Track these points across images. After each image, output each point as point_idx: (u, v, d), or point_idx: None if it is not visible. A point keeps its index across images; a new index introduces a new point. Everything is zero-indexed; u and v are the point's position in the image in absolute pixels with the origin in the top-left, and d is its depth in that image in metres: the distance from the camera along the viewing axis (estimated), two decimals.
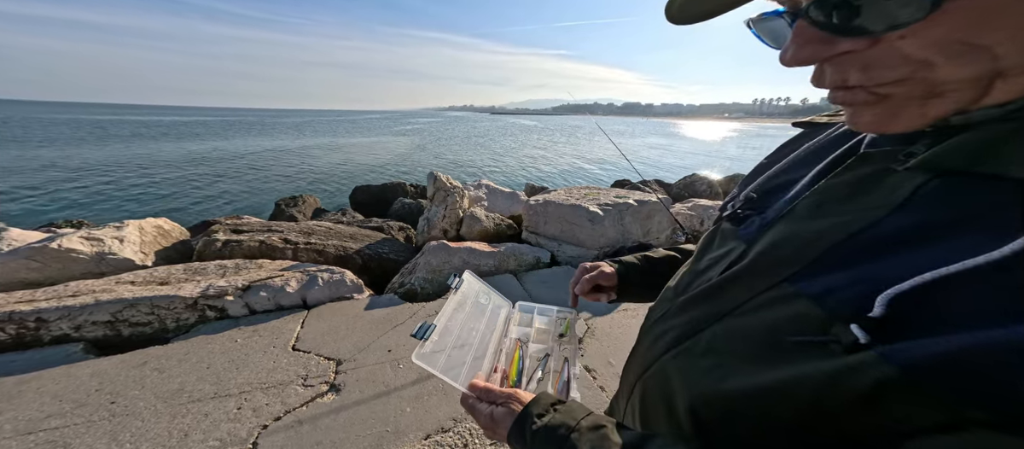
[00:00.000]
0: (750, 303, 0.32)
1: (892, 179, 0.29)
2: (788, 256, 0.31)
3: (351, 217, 4.96)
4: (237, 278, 2.58)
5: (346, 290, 2.59)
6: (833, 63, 0.25)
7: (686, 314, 0.39)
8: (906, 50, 0.22)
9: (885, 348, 0.23)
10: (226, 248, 3.20)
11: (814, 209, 0.33)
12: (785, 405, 0.27)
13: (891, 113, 0.25)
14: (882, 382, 0.22)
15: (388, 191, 7.18)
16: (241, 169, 16.68)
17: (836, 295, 0.27)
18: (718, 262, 0.40)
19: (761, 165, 0.49)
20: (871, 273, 0.26)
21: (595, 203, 3.03)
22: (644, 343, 0.45)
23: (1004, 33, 0.20)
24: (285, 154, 23.00)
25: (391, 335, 2.12)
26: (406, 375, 1.82)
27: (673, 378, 0.37)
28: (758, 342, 0.30)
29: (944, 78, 0.23)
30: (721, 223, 0.45)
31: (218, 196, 11.57)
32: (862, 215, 0.29)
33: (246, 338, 2.03)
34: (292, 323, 2.22)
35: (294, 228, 3.48)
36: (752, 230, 0.38)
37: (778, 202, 0.39)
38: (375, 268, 2.99)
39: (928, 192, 0.26)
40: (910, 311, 0.23)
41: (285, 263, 2.99)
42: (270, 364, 1.82)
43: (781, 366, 0.28)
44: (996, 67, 0.21)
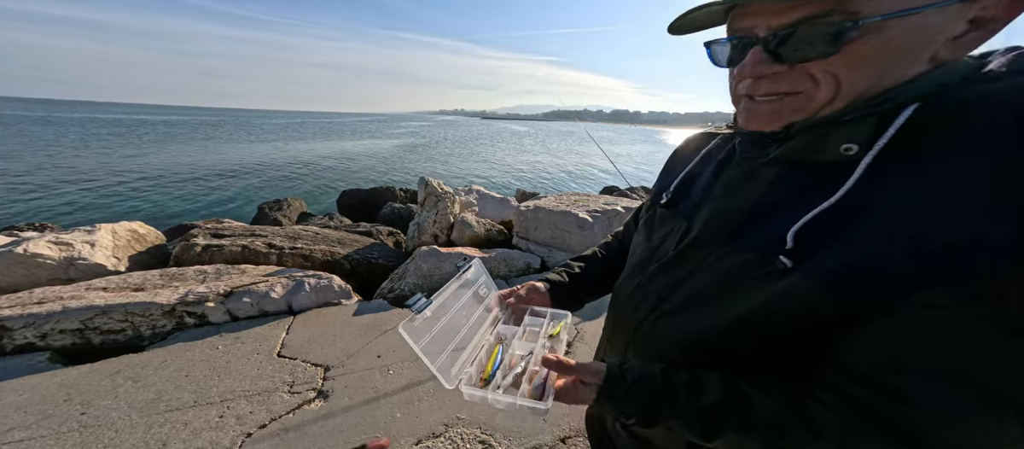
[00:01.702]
0: (704, 263, 0.45)
1: (761, 171, 0.44)
2: (719, 227, 0.45)
3: (339, 222, 4.89)
4: (218, 284, 2.51)
5: (334, 296, 2.56)
6: (765, 77, 0.38)
7: (657, 282, 0.51)
8: (812, 72, 0.35)
9: (799, 266, 0.36)
10: (206, 253, 3.11)
11: (724, 195, 0.48)
12: (752, 324, 0.40)
13: (774, 114, 0.39)
14: (804, 289, 0.35)
15: (377, 195, 7.11)
16: (223, 171, 16.07)
17: (759, 244, 0.40)
18: (668, 237, 0.53)
19: (671, 165, 0.65)
20: (772, 227, 0.39)
21: (584, 209, 3.10)
22: (625, 310, 0.56)
23: (852, 73, 0.34)
24: (270, 156, 22.35)
25: (380, 341, 2.10)
26: (396, 381, 1.81)
27: (664, 333, 0.48)
28: (721, 289, 0.43)
29: (816, 96, 0.36)
30: (656, 209, 0.58)
31: (197, 199, 11.11)
32: (752, 195, 0.44)
33: (228, 345, 1.98)
34: (277, 329, 2.18)
35: (279, 233, 3.41)
36: (688, 210, 0.52)
37: (695, 191, 0.53)
38: (364, 273, 2.96)
39: (781, 175, 0.42)
40: (804, 242, 0.36)
41: (269, 268, 2.93)
42: (254, 371, 1.78)
43: (743, 299, 0.40)
44: (837, 93, 0.36)
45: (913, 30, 0.32)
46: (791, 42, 0.35)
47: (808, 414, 0.36)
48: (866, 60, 0.34)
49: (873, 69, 0.34)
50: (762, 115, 0.40)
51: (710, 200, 0.49)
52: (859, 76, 0.34)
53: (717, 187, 0.49)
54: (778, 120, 0.39)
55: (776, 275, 0.37)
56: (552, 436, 1.49)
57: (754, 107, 0.41)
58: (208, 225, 3.53)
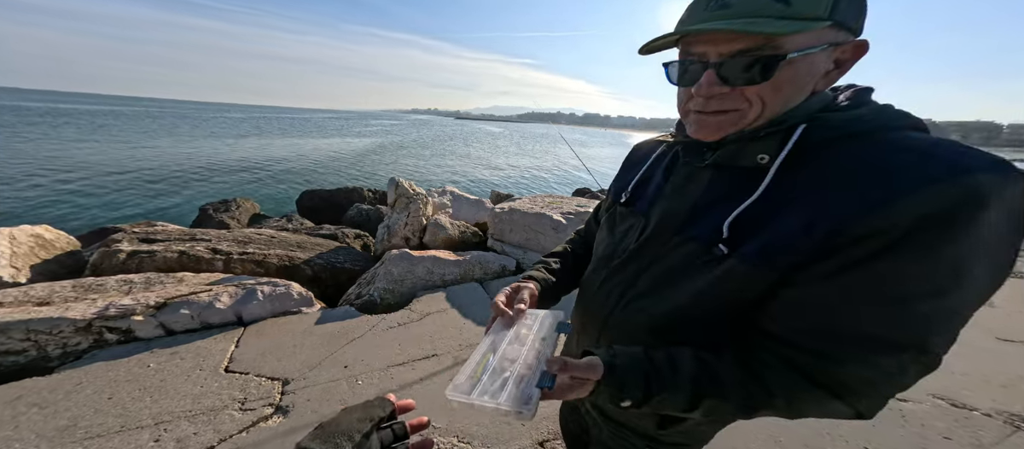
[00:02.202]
0: (661, 253, 0.53)
1: (699, 174, 0.53)
2: (670, 221, 0.54)
3: (298, 224, 4.54)
4: (148, 294, 2.22)
5: (292, 304, 2.37)
6: (714, 96, 0.46)
7: (623, 273, 0.58)
8: (747, 94, 0.44)
9: (734, 252, 0.45)
10: (132, 260, 2.75)
11: (672, 194, 0.56)
12: (703, 302, 0.49)
13: (718, 127, 0.48)
14: (739, 271, 0.45)
15: (342, 196, 6.67)
16: (160, 169, 14.03)
17: (701, 235, 0.49)
18: (629, 232, 0.60)
19: (627, 168, 0.71)
20: (710, 220, 0.49)
21: (558, 211, 3.18)
22: (595, 300, 0.62)
23: (773, 97, 0.44)
24: (221, 153, 19.99)
25: (347, 350, 1.98)
26: (366, 391, 1.71)
27: (632, 319, 0.56)
28: (677, 274, 0.51)
29: (748, 114, 0.45)
30: (617, 207, 0.66)
31: (125, 200, 9.59)
32: (693, 194, 0.53)
33: (162, 362, 1.75)
34: (223, 342, 1.97)
35: (226, 237, 3.11)
36: (645, 207, 0.60)
37: (649, 191, 0.61)
38: (327, 279, 2.77)
39: (715, 177, 0.51)
40: (735, 232, 0.45)
41: (214, 276, 2.65)
42: (196, 389, 1.58)
43: (693, 281, 0.49)
44: (762, 113, 0.45)
45: (809, 66, 0.43)
46: (734, 68, 0.43)
47: (760, 376, 0.44)
48: (782, 87, 0.43)
49: (786, 95, 0.44)
50: (709, 127, 0.48)
51: (662, 198, 0.57)
52: (777, 100, 0.44)
53: (667, 187, 0.57)
54: (720, 132, 0.48)
55: (716, 261, 0.46)
56: (530, 440, 1.48)
57: (703, 120, 0.48)
58: (136, 229, 3.13)
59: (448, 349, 2.05)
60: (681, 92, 0.51)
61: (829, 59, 0.43)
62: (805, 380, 0.42)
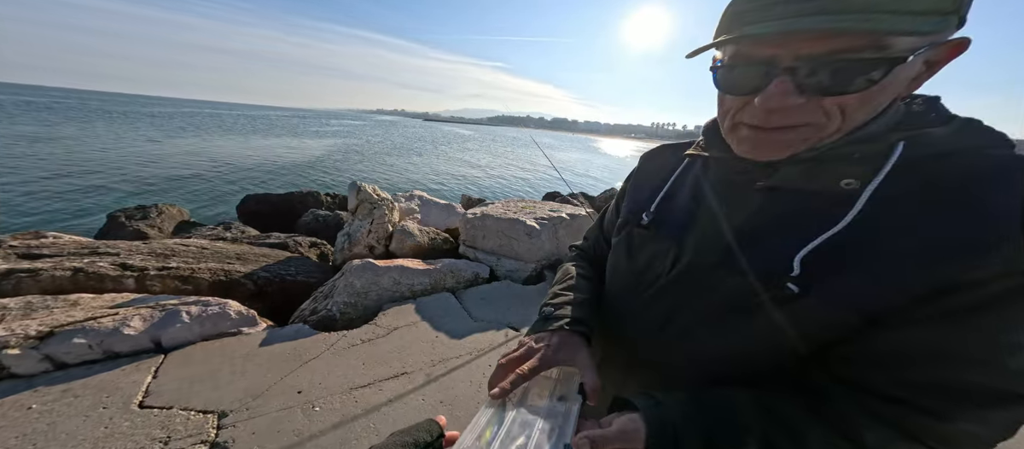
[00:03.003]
0: (704, 287, 0.47)
1: (745, 196, 0.47)
2: (712, 252, 0.47)
3: (239, 232, 4.04)
4: (28, 322, 1.82)
5: (229, 324, 2.08)
6: (783, 108, 0.38)
7: (654, 308, 0.52)
8: (824, 105, 0.37)
9: (809, 291, 0.39)
10: (8, 281, 2.25)
11: (710, 219, 0.49)
12: (762, 345, 0.43)
13: (785, 145, 0.41)
14: (816, 312, 0.39)
15: (296, 201, 6.09)
16: (56, 167, 11.89)
17: (758, 269, 0.42)
18: (655, 261, 0.53)
19: (642, 183, 0.64)
20: (769, 253, 0.42)
21: (532, 217, 3.21)
22: (625, 335, 0.56)
23: (860, 108, 0.37)
24: (141, 151, 17.39)
25: (301, 373, 1.77)
26: (325, 418, 1.53)
27: (670, 359, 0.50)
28: (726, 312, 0.45)
29: (826, 128, 0.38)
30: (635, 229, 0.58)
31: (17, 207, 7.91)
32: (738, 220, 0.46)
33: (50, 402, 1.42)
34: (136, 374, 1.66)
35: (140, 249, 2.68)
36: (675, 234, 0.52)
37: (677, 213, 0.54)
38: (275, 294, 2.49)
39: (770, 202, 0.45)
40: (812, 267, 0.39)
41: (122, 297, 2.25)
42: (98, 431, 1.30)
43: (749, 322, 0.43)
44: (841, 126, 0.38)
45: (909, 69, 0.35)
46: (822, 73, 0.35)
47: (842, 428, 0.38)
48: (874, 97, 0.36)
49: (875, 105, 0.37)
50: (771, 146, 0.41)
51: (696, 224, 0.51)
52: (862, 112, 0.37)
53: (702, 211, 0.51)
54: (788, 150, 0.40)
55: (783, 300, 0.40)
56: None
57: (764, 137, 0.41)
58: (15, 242, 2.59)
59: (419, 366, 1.93)
60: (727, 101, 0.43)
61: (922, 61, 0.36)
62: (898, 434, 0.37)
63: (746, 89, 0.40)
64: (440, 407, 1.68)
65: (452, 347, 2.11)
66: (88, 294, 2.24)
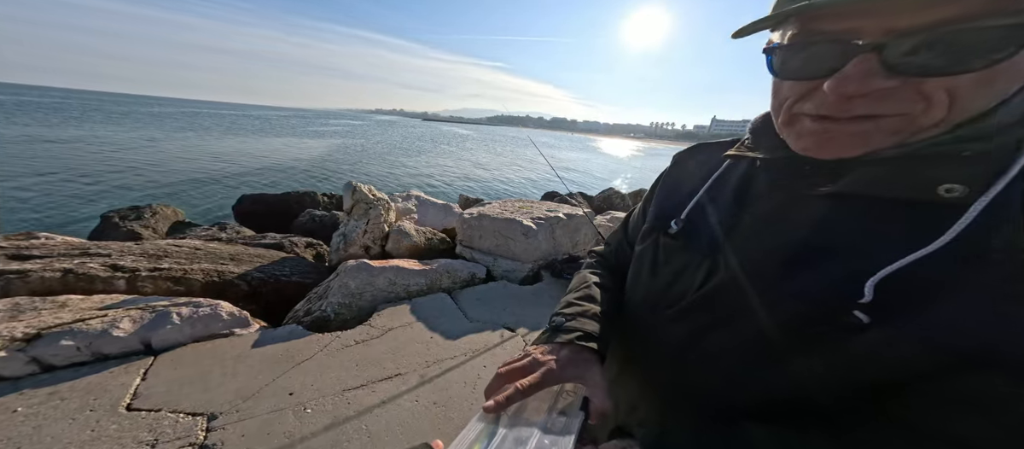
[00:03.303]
0: (741, 310, 0.40)
1: (804, 204, 0.39)
2: (757, 269, 0.40)
3: (234, 232, 4.03)
4: (15, 324, 1.81)
5: (221, 326, 2.07)
6: (865, 94, 0.30)
7: (681, 325, 0.46)
8: (925, 90, 0.29)
9: (884, 323, 0.31)
10: None
11: (757, 231, 0.42)
12: (810, 380, 0.35)
13: (863, 139, 0.32)
14: (894, 349, 0.31)
15: (293, 201, 6.10)
16: (52, 166, 11.88)
17: (817, 293, 0.34)
18: (683, 275, 0.47)
19: (672, 187, 0.57)
20: (833, 274, 0.34)
21: (528, 217, 3.21)
22: (647, 353, 0.50)
23: (976, 93, 0.28)
24: (137, 150, 17.38)
25: (293, 375, 1.76)
26: (317, 420, 1.52)
27: (697, 385, 0.44)
28: (770, 340, 0.37)
29: (922, 119, 0.30)
30: (661, 238, 0.52)
31: (12, 207, 7.91)
32: (796, 233, 0.38)
33: (36, 405, 1.41)
34: (124, 376, 1.64)
35: (132, 250, 2.67)
36: (709, 246, 0.46)
37: (713, 222, 0.48)
38: (269, 294, 2.48)
39: (836, 212, 0.36)
40: (886, 295, 0.31)
41: (112, 298, 2.24)
42: (85, 434, 1.29)
43: (802, 352, 0.35)
44: (946, 116, 0.29)
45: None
46: (924, 50, 0.28)
47: None
48: (997, 80, 0.28)
49: (998, 91, 0.29)
50: (843, 139, 0.33)
51: (738, 236, 0.44)
52: (979, 99, 0.29)
53: (745, 220, 0.44)
54: (864, 146, 0.33)
55: (844, 330, 0.33)
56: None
57: (834, 130, 0.33)
58: (4, 243, 2.58)
59: (413, 367, 1.92)
60: (785, 89, 0.36)
61: None
62: None
63: (814, 72, 0.33)
64: (433, 408, 1.67)
65: (447, 348, 2.10)
66: (77, 295, 2.23)
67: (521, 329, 2.36)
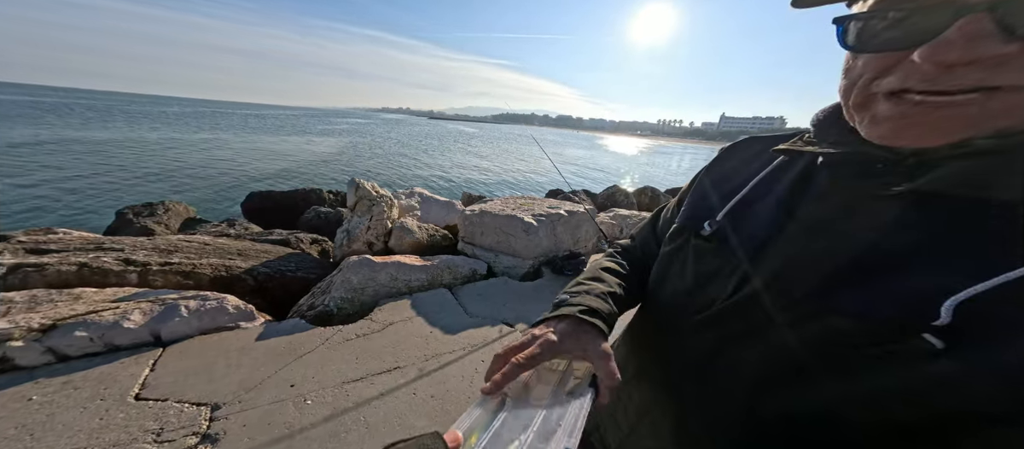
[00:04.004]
0: (780, 323, 0.35)
1: (874, 206, 0.33)
2: (802, 277, 0.35)
3: (242, 229, 4.11)
4: (32, 315, 1.87)
5: (227, 319, 2.11)
6: (974, 64, 0.24)
7: (707, 333, 0.42)
8: None
9: (961, 349, 0.26)
10: (15, 275, 2.31)
11: (807, 234, 0.37)
12: (860, 406, 0.30)
13: (958, 121, 0.26)
14: (975, 382, 0.26)
15: (299, 198, 6.18)
16: (71, 165, 12.30)
17: (882, 311, 0.29)
18: (714, 280, 0.43)
19: (713, 182, 0.52)
20: (901, 289, 0.29)
21: (530, 213, 3.20)
22: (671, 359, 0.47)
23: None
24: (151, 149, 17.94)
25: (294, 367, 1.79)
26: (316, 412, 1.54)
27: (722, 404, 0.40)
28: (810, 360, 0.33)
29: None
30: (692, 239, 0.48)
31: (18, 202, 8.22)
32: (857, 238, 0.32)
33: (50, 394, 1.45)
34: (134, 366, 1.69)
35: (144, 245, 2.73)
36: (746, 249, 0.41)
37: (754, 224, 0.43)
38: (275, 289, 2.52)
39: (914, 215, 0.30)
40: (969, 318, 0.26)
41: (124, 291, 2.30)
42: (94, 422, 1.33)
43: (852, 377, 0.31)
44: None
45: None
46: None
47: None
48: None
49: None
50: (937, 122, 0.27)
51: (783, 239, 0.39)
52: None
53: (793, 222, 0.39)
54: (962, 129, 0.27)
55: (910, 356, 0.28)
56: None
57: (918, 111, 0.27)
58: (24, 237, 2.66)
59: (412, 361, 1.93)
60: (859, 65, 0.31)
61: None
62: None
63: (905, 41, 0.27)
64: (431, 401, 1.69)
65: (446, 342, 2.12)
66: (91, 288, 2.29)
67: (520, 325, 2.36)
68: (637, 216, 4.32)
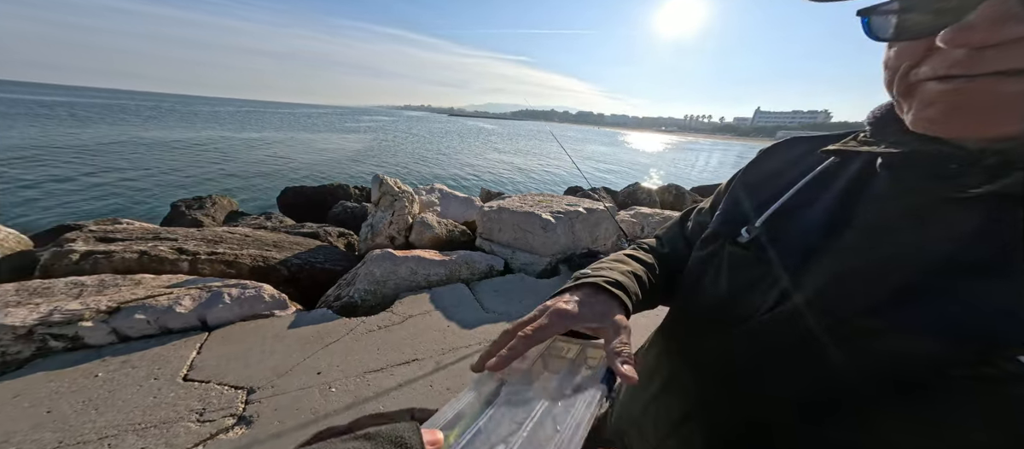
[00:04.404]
0: (823, 343, 0.32)
1: (945, 210, 0.29)
2: (858, 289, 0.31)
3: (277, 222, 4.37)
4: (100, 298, 2.07)
5: (263, 307, 2.25)
6: (1004, 46, 0.22)
7: (743, 346, 0.38)
8: None
9: None
10: (87, 261, 2.57)
11: (867, 242, 0.33)
12: (922, 441, 0.27)
13: (1010, 105, 0.23)
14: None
15: (327, 193, 6.50)
16: (133, 162, 13.58)
17: (952, 328, 0.26)
18: (751, 290, 0.39)
19: (754, 184, 0.48)
20: (984, 303, 0.26)
21: (548, 210, 3.14)
22: (702, 368, 0.43)
23: None
24: (199, 147, 19.53)
25: (321, 355, 1.88)
26: (339, 399, 1.62)
27: (747, 411, 0.37)
28: (865, 381, 0.30)
29: None
30: (727, 246, 0.44)
31: (90, 195, 9.19)
32: (928, 245, 0.29)
33: (112, 371, 1.61)
34: (184, 349, 1.84)
35: (194, 235, 2.95)
36: (788, 258, 0.37)
37: (800, 230, 0.38)
38: (305, 280, 2.65)
39: (995, 218, 0.27)
40: None
41: (177, 278, 2.50)
42: (148, 400, 1.46)
43: (917, 401, 0.27)
44: None
45: None
46: None
47: None
48: None
49: None
50: (984, 104, 0.24)
51: (836, 249, 0.34)
52: None
53: (848, 230, 0.35)
54: (1014, 118, 0.24)
55: (996, 380, 0.25)
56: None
57: (969, 90, 0.24)
58: (95, 227, 2.94)
59: (429, 354, 1.97)
60: (895, 55, 0.29)
61: None
62: None
63: (928, 27, 0.25)
64: (447, 394, 1.72)
65: (462, 337, 2.14)
66: (149, 275, 2.51)
67: None
68: (660, 215, 4.14)
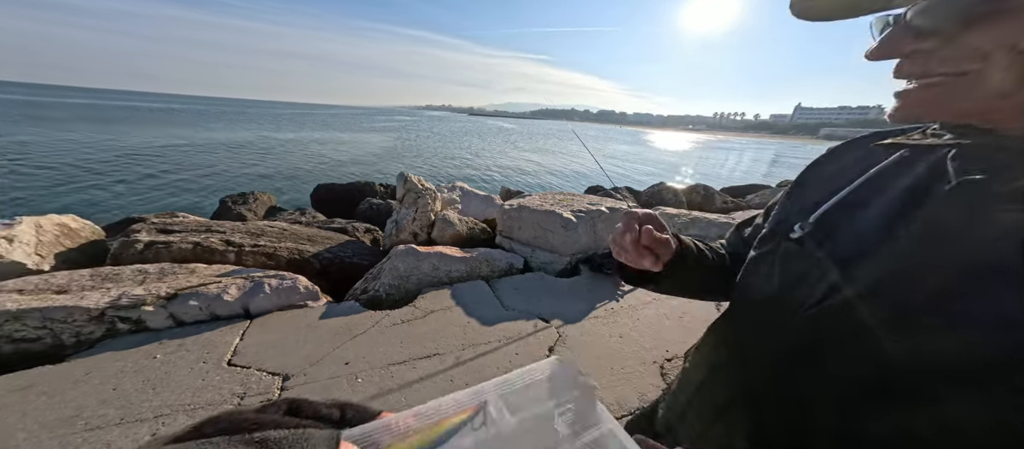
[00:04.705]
0: (879, 336, 0.32)
1: (1000, 200, 0.29)
2: (913, 287, 0.31)
3: (311, 217, 4.62)
4: (160, 285, 2.26)
5: (298, 297, 2.37)
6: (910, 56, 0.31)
7: (795, 338, 0.38)
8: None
9: None
10: (149, 251, 2.82)
11: (927, 240, 0.32)
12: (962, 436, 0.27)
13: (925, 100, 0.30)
14: None
15: (355, 190, 6.81)
16: (185, 161, 15.03)
17: (999, 321, 0.26)
18: (800, 284, 0.39)
19: (811, 183, 0.48)
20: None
21: (569, 209, 3.07)
22: (747, 363, 0.44)
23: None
24: (241, 147, 21.27)
25: (349, 346, 1.95)
26: (366, 389, 1.67)
27: (801, 421, 0.37)
28: (917, 379, 0.29)
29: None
30: (782, 242, 0.44)
31: (151, 191, 10.30)
32: (993, 243, 0.28)
33: (169, 354, 1.76)
34: (229, 335, 1.98)
35: (239, 228, 3.15)
36: (840, 253, 0.37)
37: (857, 227, 0.38)
38: (335, 273, 2.77)
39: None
40: None
41: (225, 268, 2.69)
42: (198, 382, 1.58)
43: (968, 403, 0.27)
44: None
45: None
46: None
47: None
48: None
49: None
50: (917, 100, 0.29)
51: (892, 243, 0.34)
52: None
53: (906, 226, 0.34)
54: (934, 110, 0.28)
55: None
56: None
57: (909, 92, 0.30)
58: (156, 220, 3.22)
59: (450, 349, 2.00)
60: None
61: None
62: None
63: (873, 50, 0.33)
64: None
65: (482, 333, 2.15)
66: (202, 264, 2.72)
67: (555, 321, 2.31)
68: (687, 215, 3.92)
